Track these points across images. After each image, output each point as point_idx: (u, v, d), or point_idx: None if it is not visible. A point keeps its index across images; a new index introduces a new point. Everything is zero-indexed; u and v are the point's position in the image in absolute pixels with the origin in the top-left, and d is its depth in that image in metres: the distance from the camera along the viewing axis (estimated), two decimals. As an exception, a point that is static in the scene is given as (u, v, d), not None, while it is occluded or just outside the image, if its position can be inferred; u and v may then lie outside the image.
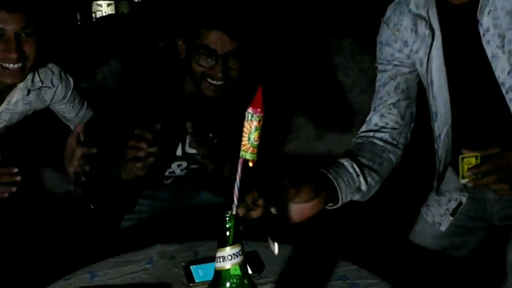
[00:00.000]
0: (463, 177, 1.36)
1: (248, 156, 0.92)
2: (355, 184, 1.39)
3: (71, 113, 2.09)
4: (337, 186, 1.34)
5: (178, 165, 1.90)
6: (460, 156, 1.37)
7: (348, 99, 3.42)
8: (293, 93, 3.24)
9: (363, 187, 1.41)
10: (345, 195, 1.36)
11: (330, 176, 1.34)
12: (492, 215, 1.64)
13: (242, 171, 0.93)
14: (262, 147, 0.92)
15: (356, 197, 1.41)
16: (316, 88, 3.36)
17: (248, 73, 1.75)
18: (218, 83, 1.70)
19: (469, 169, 1.35)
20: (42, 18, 1.70)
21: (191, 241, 1.49)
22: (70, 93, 2.01)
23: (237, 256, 0.93)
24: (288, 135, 3.45)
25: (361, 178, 1.40)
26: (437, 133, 1.59)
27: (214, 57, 1.66)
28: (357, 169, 1.40)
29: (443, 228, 1.71)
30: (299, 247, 1.43)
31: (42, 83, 1.88)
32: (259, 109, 0.91)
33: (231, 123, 1.52)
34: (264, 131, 0.92)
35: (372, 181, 1.43)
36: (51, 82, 1.92)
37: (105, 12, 10.09)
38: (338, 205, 1.37)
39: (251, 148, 0.92)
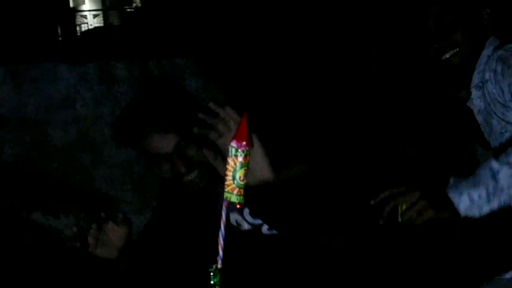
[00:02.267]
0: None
1: (233, 198, 0.79)
2: None
3: None
4: None
5: None
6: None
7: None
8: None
9: None
10: None
11: None
12: None
13: (226, 216, 0.79)
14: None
15: None
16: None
17: None
18: None
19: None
20: None
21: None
22: None
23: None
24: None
25: None
26: None
27: None
28: None
29: None
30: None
31: None
32: (244, 142, 0.78)
33: None
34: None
35: None
36: None
37: (91, 25, 9.35)
38: None
39: (237, 189, 0.78)
